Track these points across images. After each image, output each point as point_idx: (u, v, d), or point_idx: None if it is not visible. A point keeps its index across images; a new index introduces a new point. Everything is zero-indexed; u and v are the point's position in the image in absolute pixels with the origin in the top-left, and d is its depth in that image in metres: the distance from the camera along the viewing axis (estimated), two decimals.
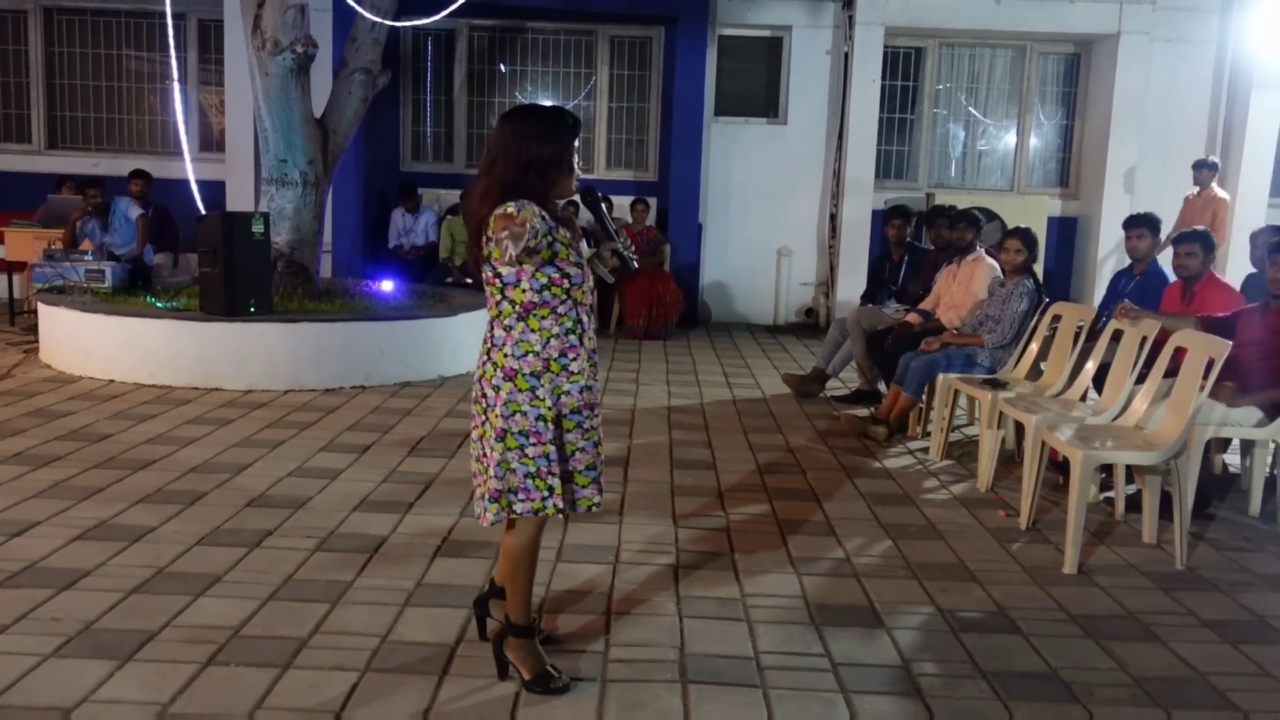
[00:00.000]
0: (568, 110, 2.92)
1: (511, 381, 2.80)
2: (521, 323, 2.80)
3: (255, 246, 6.99)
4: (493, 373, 2.83)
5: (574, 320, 2.84)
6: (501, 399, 2.80)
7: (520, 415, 2.79)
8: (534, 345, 2.80)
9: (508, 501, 2.82)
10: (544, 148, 2.77)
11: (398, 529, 4.22)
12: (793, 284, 11.31)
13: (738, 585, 3.77)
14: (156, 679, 2.89)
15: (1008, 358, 5.81)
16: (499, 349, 2.82)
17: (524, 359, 2.80)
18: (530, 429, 2.79)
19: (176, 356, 6.82)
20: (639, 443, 5.82)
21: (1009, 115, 11.38)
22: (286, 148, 7.86)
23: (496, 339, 2.83)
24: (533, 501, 2.81)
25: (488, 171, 2.81)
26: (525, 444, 2.80)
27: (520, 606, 2.95)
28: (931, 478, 5.36)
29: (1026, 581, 3.93)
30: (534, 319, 2.80)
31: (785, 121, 11.13)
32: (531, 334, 2.80)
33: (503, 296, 2.81)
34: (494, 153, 2.81)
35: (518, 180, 2.75)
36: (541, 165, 2.77)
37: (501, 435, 2.80)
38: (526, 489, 2.81)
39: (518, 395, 2.79)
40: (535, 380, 2.80)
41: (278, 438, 5.61)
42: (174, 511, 4.33)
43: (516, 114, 2.86)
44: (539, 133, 2.78)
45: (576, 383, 2.85)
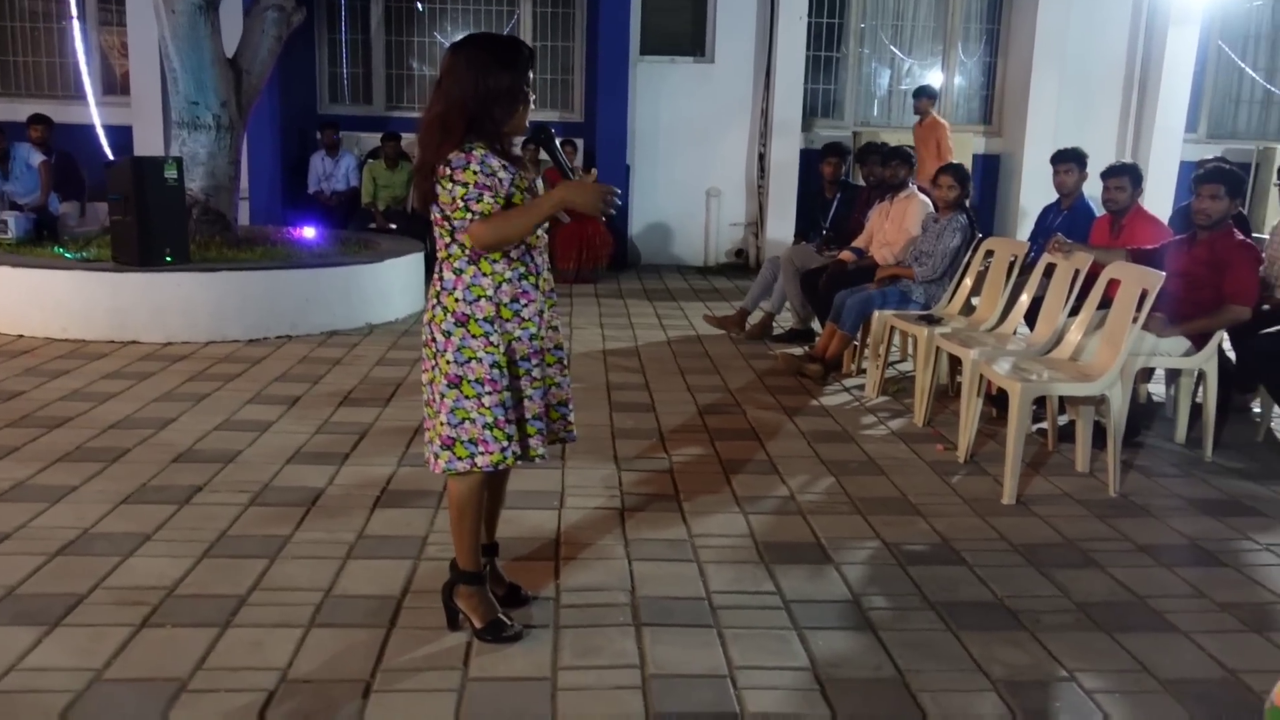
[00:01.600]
0: (524, 42, 2.79)
1: (464, 327, 2.70)
2: (473, 266, 2.71)
3: (169, 193, 6.70)
4: (443, 317, 2.72)
5: (526, 264, 2.76)
6: (454, 345, 2.71)
7: (475, 363, 2.70)
8: (486, 290, 2.71)
9: (466, 452, 2.73)
10: (499, 79, 2.64)
11: (334, 480, 4.11)
12: (722, 225, 11.25)
13: (685, 526, 3.75)
14: (88, 644, 2.77)
15: (942, 294, 5.85)
16: (449, 293, 2.72)
17: (476, 304, 2.70)
18: (486, 376, 2.71)
19: (89, 309, 6.54)
20: (577, 386, 5.66)
21: (933, 53, 11.39)
22: (197, 89, 7.52)
23: (446, 282, 2.73)
24: (493, 455, 2.73)
25: (440, 100, 2.67)
26: (482, 392, 2.71)
27: (468, 554, 2.88)
28: (869, 414, 5.39)
29: (968, 513, 3.97)
30: (485, 262, 2.71)
31: (713, 60, 10.99)
32: (483, 278, 2.71)
33: (452, 239, 2.70)
34: (445, 85, 2.67)
35: (472, 115, 2.63)
36: (496, 98, 2.64)
37: (456, 382, 2.72)
38: (486, 440, 2.72)
39: (471, 341, 2.70)
40: (488, 326, 2.71)
41: (202, 391, 5.42)
42: (96, 470, 4.15)
43: (469, 42, 2.71)
44: (493, 62, 2.64)
45: (527, 329, 2.77)
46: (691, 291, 9.47)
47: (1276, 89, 11.65)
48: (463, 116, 2.63)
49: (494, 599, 2.94)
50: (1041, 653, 2.87)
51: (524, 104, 2.70)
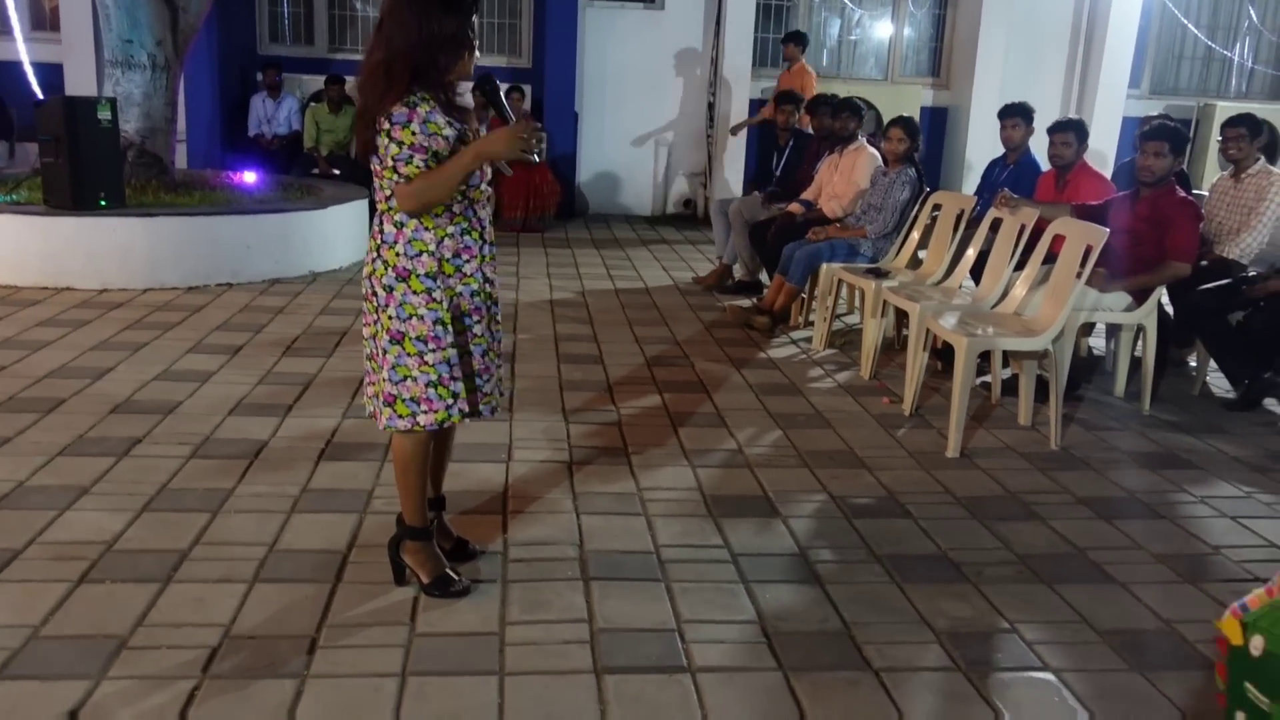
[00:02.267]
0: None
1: (405, 283, 2.64)
2: (415, 220, 2.64)
3: (102, 134, 6.48)
4: (384, 271, 2.66)
5: (469, 219, 2.69)
6: (395, 300, 2.66)
7: (417, 319, 2.65)
8: (428, 244, 2.64)
9: (407, 410, 2.70)
10: (444, 23, 2.54)
11: (278, 433, 4.04)
12: (671, 175, 11.18)
13: (633, 480, 3.75)
14: (24, 600, 2.71)
15: (889, 247, 5.87)
16: (389, 246, 2.65)
17: (418, 259, 2.64)
18: (429, 334, 2.66)
19: (20, 254, 6.34)
20: (524, 338, 5.71)
21: (884, 3, 11.34)
22: (131, 27, 7.26)
23: (387, 235, 2.66)
24: (436, 412, 2.70)
25: (382, 47, 2.57)
26: (424, 350, 2.67)
27: (415, 509, 2.85)
28: (816, 367, 5.42)
29: (913, 466, 4.02)
30: (428, 216, 2.63)
31: (662, 7, 10.84)
32: (425, 232, 2.64)
33: (393, 191, 2.61)
34: (387, 29, 2.57)
35: (417, 62, 2.54)
36: (441, 42, 2.55)
37: (398, 338, 2.67)
38: (429, 399, 2.69)
39: (412, 298, 2.65)
40: (430, 281, 2.65)
41: (139, 339, 5.30)
42: (30, 421, 4.05)
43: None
44: (438, 5, 2.54)
45: (469, 285, 2.72)
46: (640, 241, 9.43)
47: (1218, 46, 11.79)
48: (407, 64, 2.54)
49: (441, 554, 2.92)
50: (984, 605, 2.93)
51: (469, 50, 2.61)
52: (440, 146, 2.57)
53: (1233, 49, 11.84)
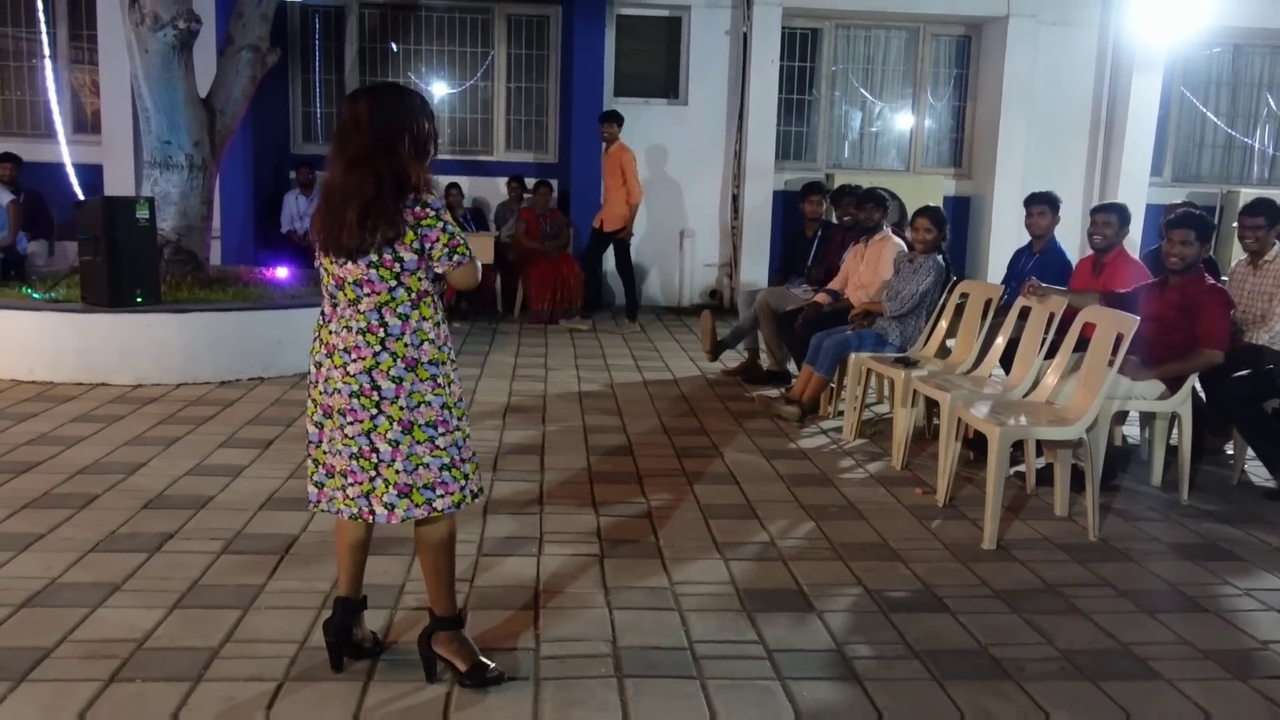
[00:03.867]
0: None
1: (414, 372, 2.71)
2: (415, 311, 2.73)
3: (140, 233, 6.63)
4: (390, 363, 2.70)
5: (442, 308, 2.85)
6: (405, 391, 2.71)
7: (425, 406, 2.73)
8: (428, 333, 2.75)
9: (423, 499, 2.73)
10: (421, 121, 2.73)
11: (308, 527, 4.04)
12: (696, 265, 11.28)
13: (665, 574, 3.71)
14: (55, 700, 2.69)
15: (917, 336, 5.87)
16: (396, 338, 2.71)
17: (422, 348, 2.73)
18: (437, 419, 2.74)
19: (57, 350, 6.45)
20: (553, 429, 5.72)
21: (903, 96, 11.54)
22: (170, 129, 7.48)
23: (392, 328, 2.71)
24: (452, 495, 2.76)
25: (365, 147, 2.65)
26: (434, 435, 2.74)
27: (448, 599, 2.86)
28: (847, 457, 5.39)
29: (948, 558, 3.96)
30: (425, 307, 2.75)
31: (686, 102, 11.08)
32: (425, 322, 2.75)
33: (398, 283, 2.69)
34: (365, 130, 2.66)
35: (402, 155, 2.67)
36: (425, 139, 2.73)
37: (408, 428, 2.72)
38: (444, 482, 2.75)
39: (420, 385, 2.72)
40: (435, 369, 2.75)
41: (173, 434, 5.34)
42: (64, 516, 4.07)
43: (374, 90, 2.76)
44: (412, 106, 2.72)
45: (457, 370, 2.88)
46: (667, 332, 9.47)
47: (1238, 134, 11.89)
48: (398, 159, 2.66)
49: (473, 642, 2.89)
50: (1027, 702, 2.85)
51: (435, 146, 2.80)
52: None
53: (1253, 136, 11.92)
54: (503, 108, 11.25)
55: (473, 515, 4.22)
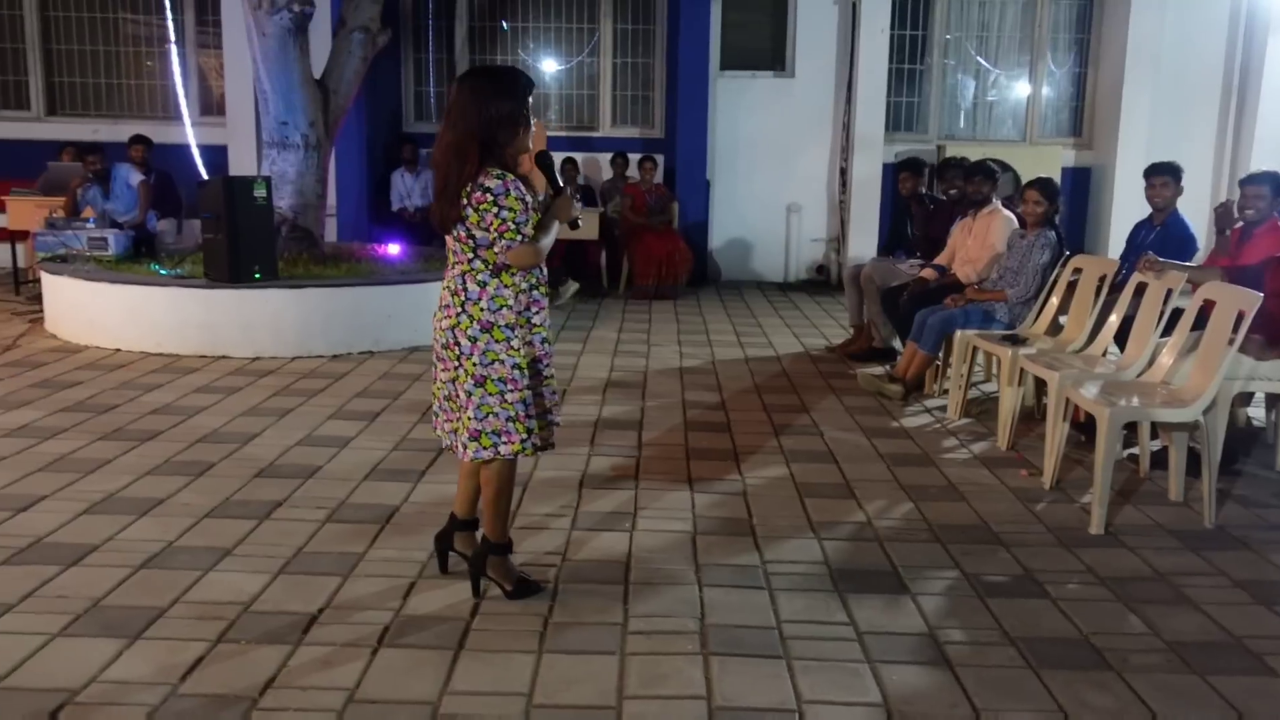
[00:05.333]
0: (523, 72, 3.12)
1: (489, 333, 3.02)
2: (495, 279, 3.02)
3: (258, 211, 6.87)
4: (468, 324, 3.02)
5: (536, 277, 3.10)
6: (479, 349, 3.02)
7: (498, 364, 3.02)
8: (507, 299, 3.03)
9: (490, 442, 3.06)
10: (501, 105, 2.96)
11: (409, 498, 4.15)
12: (803, 240, 11.16)
13: (757, 552, 3.69)
14: (166, 658, 2.83)
15: (1027, 313, 5.69)
16: (474, 303, 3.02)
17: (499, 312, 3.02)
18: (508, 376, 3.03)
19: (182, 325, 6.74)
20: (652, 405, 5.73)
21: (1020, 64, 11.15)
22: (287, 110, 7.71)
23: (471, 293, 3.02)
24: (513, 444, 3.07)
25: (451, 129, 2.97)
26: (504, 390, 3.03)
27: (500, 529, 3.22)
28: (950, 437, 5.27)
29: (1052, 543, 3.84)
30: (506, 275, 3.02)
31: (793, 75, 10.93)
32: (505, 289, 3.03)
33: (475, 255, 3.01)
34: (454, 115, 2.98)
35: (482, 138, 2.93)
36: (500, 122, 2.96)
37: (481, 381, 3.03)
38: (508, 431, 3.06)
39: (495, 345, 3.02)
40: (510, 331, 3.03)
41: (286, 405, 5.54)
42: (182, 483, 4.26)
43: (474, 74, 3.08)
44: (495, 90, 2.97)
45: (538, 334, 3.13)
46: (771, 308, 9.39)
47: None
48: (474, 142, 2.94)
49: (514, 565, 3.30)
50: (1129, 695, 2.75)
51: (524, 127, 3.01)
52: (530, 212, 2.98)
53: None
54: (609, 83, 11.27)
55: (567, 489, 4.28)
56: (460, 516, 3.38)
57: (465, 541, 3.38)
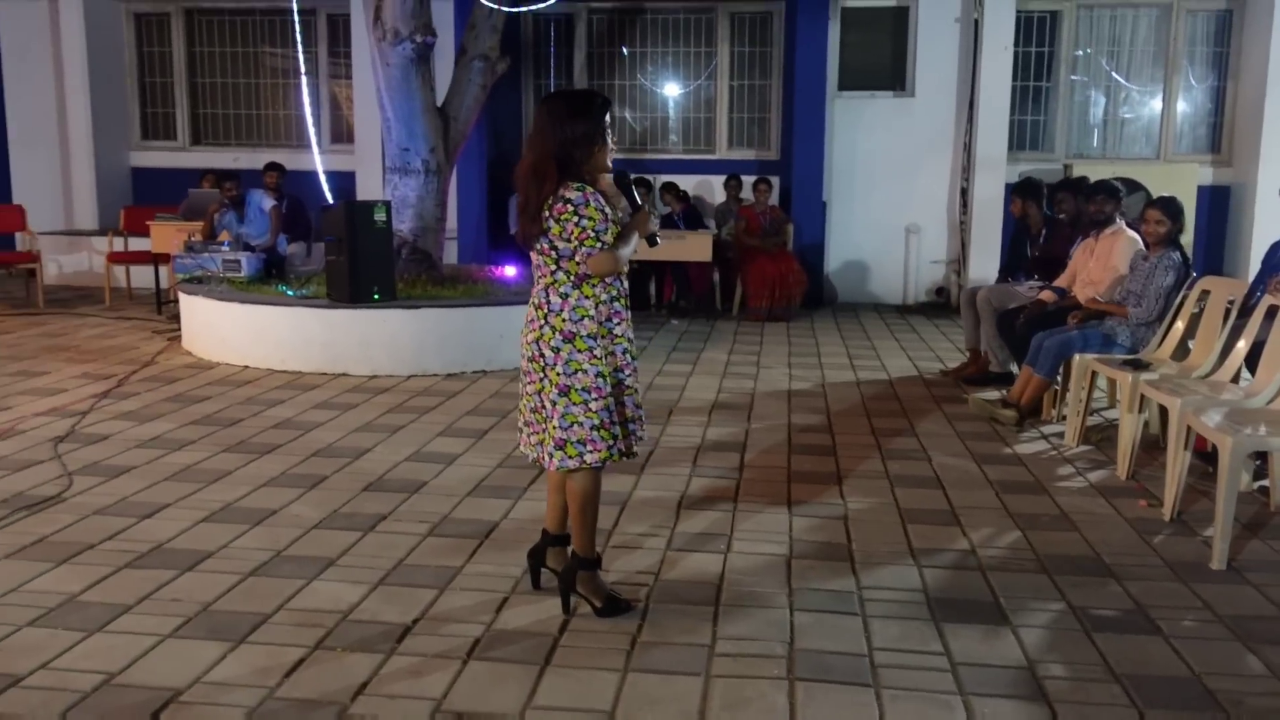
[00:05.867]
0: (597, 91, 3.35)
1: (570, 343, 3.11)
2: (576, 290, 3.12)
3: (378, 235, 7.10)
4: (551, 335, 3.13)
5: (618, 289, 3.20)
6: (562, 359, 3.11)
7: (581, 373, 3.11)
8: (589, 310, 3.13)
9: (576, 451, 3.12)
10: (576, 125, 3.08)
11: (509, 514, 4.21)
12: (922, 262, 10.94)
13: (853, 577, 3.62)
14: (266, 662, 2.93)
15: (1150, 336, 5.45)
16: (556, 314, 3.13)
17: (581, 323, 3.12)
18: (591, 385, 3.11)
19: (305, 343, 7.01)
20: (757, 427, 5.69)
21: (1154, 79, 10.73)
22: (408, 136, 7.97)
23: (553, 305, 3.14)
24: (599, 451, 3.13)
25: (531, 150, 3.14)
26: (588, 399, 3.11)
27: (589, 543, 3.26)
28: (1067, 464, 5.08)
29: (1169, 577, 3.66)
30: (587, 287, 3.13)
31: (912, 94, 10.76)
32: (586, 300, 3.12)
33: (558, 267, 3.12)
34: (534, 137, 3.14)
35: (559, 157, 3.06)
36: (575, 141, 3.07)
37: (565, 391, 3.11)
38: (594, 440, 3.12)
39: (577, 355, 3.11)
40: (592, 341, 3.12)
41: (398, 422, 5.69)
42: (295, 495, 4.42)
43: (551, 97, 3.21)
44: (570, 111, 3.10)
45: (620, 344, 3.20)
46: (887, 331, 9.23)
47: None
48: (552, 161, 3.07)
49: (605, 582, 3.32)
50: None
51: (600, 146, 3.12)
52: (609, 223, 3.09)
53: None
54: (725, 106, 11.29)
55: (665, 510, 4.28)
56: (552, 532, 3.43)
57: (557, 557, 3.42)
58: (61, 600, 3.32)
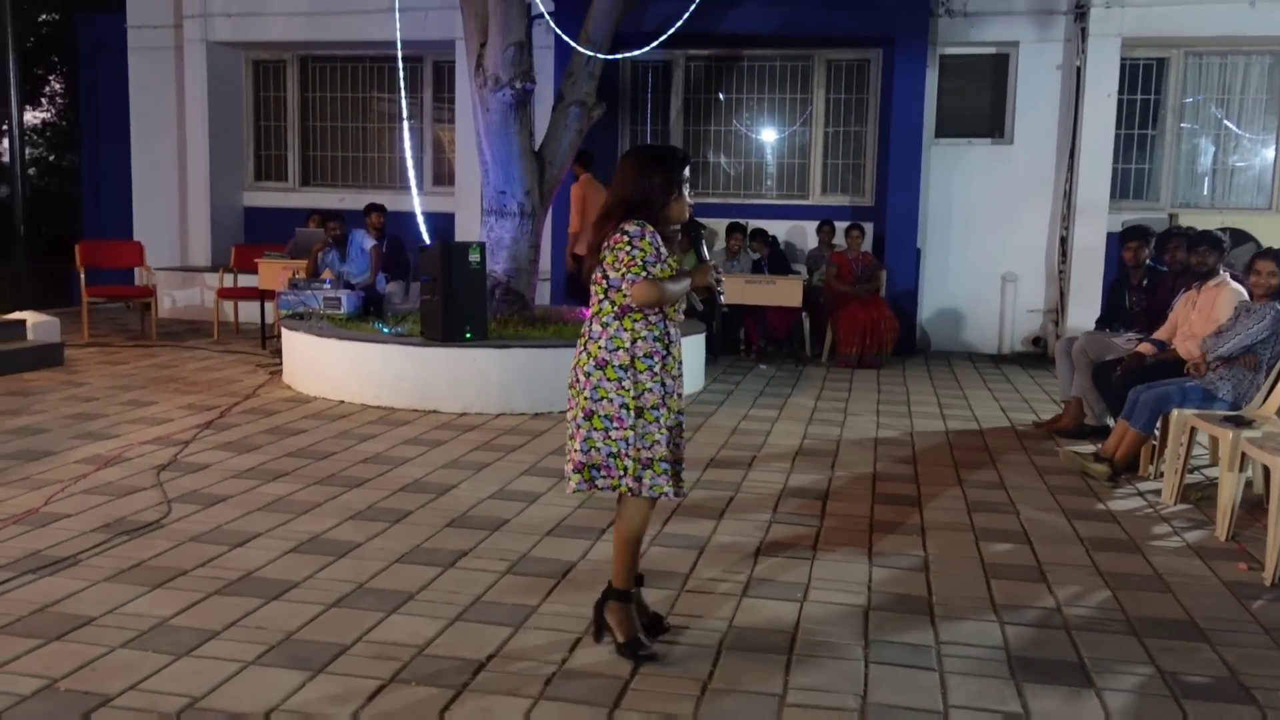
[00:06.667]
0: (678, 148, 3.45)
1: (601, 370, 3.21)
2: (617, 322, 3.23)
3: (472, 275, 7.27)
4: (586, 361, 3.24)
5: (661, 330, 3.26)
6: (591, 384, 3.22)
7: (606, 401, 3.21)
8: (624, 342, 3.22)
9: (590, 475, 3.23)
10: (653, 177, 3.25)
11: (587, 555, 4.24)
12: (1019, 311, 10.72)
13: (932, 631, 3.55)
14: (342, 692, 3.00)
15: (1254, 392, 5.26)
16: (594, 341, 3.25)
17: (614, 352, 3.21)
18: (614, 414, 3.20)
19: (398, 380, 7.19)
20: (840, 475, 5.64)
21: (1265, 128, 10.40)
22: (505, 179, 8.16)
23: (594, 333, 3.25)
24: (611, 479, 3.22)
25: (610, 199, 3.32)
26: (610, 427, 3.20)
27: (623, 574, 3.31)
28: (1163, 523, 4.90)
29: (1267, 645, 3.50)
30: (628, 320, 3.23)
31: (1011, 141, 10.62)
32: (624, 332, 3.22)
33: (605, 297, 3.24)
34: (615, 185, 3.32)
35: (632, 203, 3.23)
36: (653, 190, 3.24)
37: (589, 415, 3.22)
38: (608, 467, 3.21)
39: (605, 383, 3.21)
40: (622, 372, 3.21)
41: (485, 460, 5.79)
42: (380, 529, 4.52)
43: (633, 151, 3.41)
44: (649, 163, 3.28)
45: (656, 382, 3.23)
46: (980, 380, 9.06)
47: None
48: (623, 205, 3.24)
49: (637, 620, 3.31)
50: None
51: (676, 196, 3.27)
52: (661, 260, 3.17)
53: None
54: (820, 152, 11.30)
55: (743, 556, 4.26)
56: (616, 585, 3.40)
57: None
58: (154, 624, 3.45)
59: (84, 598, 3.66)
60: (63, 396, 7.20)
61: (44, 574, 3.87)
